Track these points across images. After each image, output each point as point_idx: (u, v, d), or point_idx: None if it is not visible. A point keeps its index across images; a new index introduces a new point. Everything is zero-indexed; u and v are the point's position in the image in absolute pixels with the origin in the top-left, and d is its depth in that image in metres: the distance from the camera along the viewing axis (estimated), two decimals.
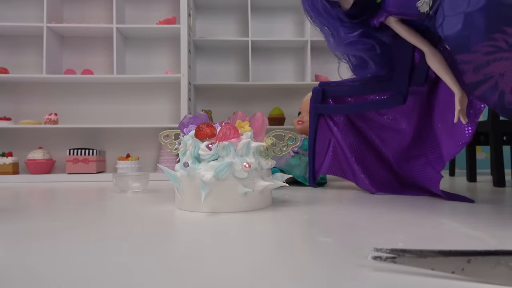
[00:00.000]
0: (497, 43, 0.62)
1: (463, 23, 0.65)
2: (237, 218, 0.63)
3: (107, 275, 0.35)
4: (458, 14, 0.66)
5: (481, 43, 0.64)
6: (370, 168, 1.03)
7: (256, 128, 0.76)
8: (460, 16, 0.65)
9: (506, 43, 0.60)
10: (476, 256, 0.32)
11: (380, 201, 0.84)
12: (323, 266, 0.38)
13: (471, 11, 0.64)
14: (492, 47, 0.63)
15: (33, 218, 0.67)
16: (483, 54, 0.64)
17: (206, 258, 0.41)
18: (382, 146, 1.03)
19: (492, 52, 0.63)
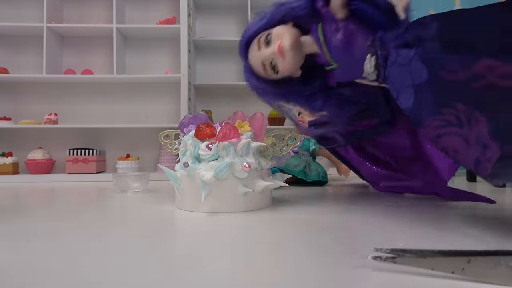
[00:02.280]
0: (447, 117, 0.59)
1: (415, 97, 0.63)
2: (237, 218, 0.63)
3: (107, 275, 0.35)
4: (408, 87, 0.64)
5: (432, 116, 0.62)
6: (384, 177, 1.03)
7: (256, 128, 0.76)
8: (410, 89, 0.63)
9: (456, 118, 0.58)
10: (476, 256, 0.32)
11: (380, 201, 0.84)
12: (323, 266, 0.38)
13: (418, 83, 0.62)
14: (441, 121, 0.61)
15: (33, 218, 0.67)
16: (433, 127, 0.63)
17: (206, 258, 0.41)
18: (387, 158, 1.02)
19: (442, 126, 0.61)
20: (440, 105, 0.60)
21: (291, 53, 0.81)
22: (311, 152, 1.28)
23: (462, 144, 0.59)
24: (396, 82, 0.67)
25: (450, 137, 0.61)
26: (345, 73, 0.81)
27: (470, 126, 0.56)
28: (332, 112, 0.93)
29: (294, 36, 0.82)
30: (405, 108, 0.66)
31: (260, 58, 0.84)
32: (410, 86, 0.64)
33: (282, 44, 0.80)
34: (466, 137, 0.57)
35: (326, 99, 0.90)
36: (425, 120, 0.64)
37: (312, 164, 1.25)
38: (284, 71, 0.84)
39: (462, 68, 0.54)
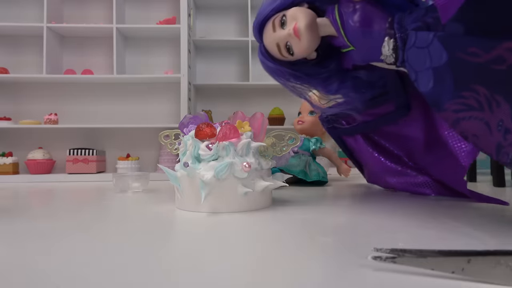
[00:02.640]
0: (467, 101, 0.58)
1: (434, 79, 0.62)
2: (237, 218, 0.63)
3: (107, 275, 0.35)
4: (427, 70, 0.63)
5: (452, 100, 0.60)
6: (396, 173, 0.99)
7: (256, 128, 0.76)
8: (429, 72, 0.62)
9: (477, 101, 0.56)
10: (476, 256, 0.32)
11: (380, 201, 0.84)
12: (323, 266, 0.38)
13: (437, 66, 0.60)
14: (461, 105, 0.59)
15: (33, 218, 0.67)
16: (453, 111, 0.61)
17: (206, 258, 0.41)
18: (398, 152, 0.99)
19: (461, 110, 0.60)
20: (460, 88, 0.58)
21: (306, 35, 0.79)
22: (311, 152, 1.28)
23: (483, 128, 0.58)
24: (415, 65, 0.65)
25: (470, 122, 0.60)
26: (362, 56, 0.80)
27: (492, 110, 0.54)
28: (348, 96, 0.92)
29: (310, 17, 0.80)
30: (424, 91, 0.65)
31: (275, 39, 0.83)
32: (429, 69, 0.62)
33: (298, 25, 0.79)
34: (487, 121, 0.56)
35: (342, 81, 0.88)
36: (444, 103, 0.62)
37: (312, 164, 1.25)
38: (300, 53, 0.83)
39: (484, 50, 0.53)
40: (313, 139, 1.30)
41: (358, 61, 0.83)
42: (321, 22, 0.80)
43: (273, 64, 0.89)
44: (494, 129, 0.55)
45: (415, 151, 0.95)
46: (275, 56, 0.87)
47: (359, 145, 1.07)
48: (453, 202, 0.81)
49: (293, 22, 0.80)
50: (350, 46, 0.79)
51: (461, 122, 0.62)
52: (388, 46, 0.70)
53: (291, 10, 0.82)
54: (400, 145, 0.99)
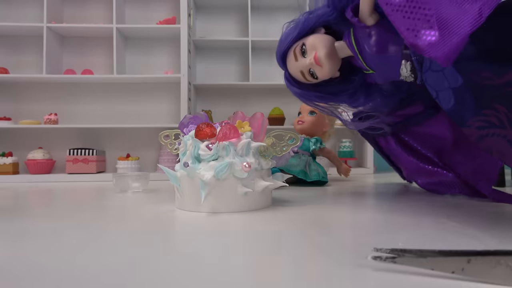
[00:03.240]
0: (489, 119, 0.59)
1: (454, 98, 0.64)
2: (237, 218, 0.64)
3: (107, 275, 0.35)
4: (446, 90, 0.64)
5: (474, 117, 0.62)
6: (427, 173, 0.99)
7: (256, 128, 0.76)
8: (449, 91, 0.64)
9: (498, 119, 0.58)
10: (476, 256, 0.32)
11: (381, 201, 0.84)
12: (323, 266, 0.38)
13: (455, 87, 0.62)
14: (483, 122, 0.61)
15: (33, 218, 0.67)
16: (476, 128, 0.63)
17: (206, 258, 0.41)
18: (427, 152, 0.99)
19: (484, 127, 0.61)
20: (481, 106, 0.60)
21: (327, 62, 0.83)
22: (311, 152, 1.28)
23: (506, 145, 0.59)
24: (434, 85, 0.67)
25: (493, 138, 0.61)
26: (383, 78, 0.82)
27: None
28: (376, 105, 0.94)
29: (328, 44, 0.83)
30: (446, 109, 0.66)
31: (299, 67, 0.86)
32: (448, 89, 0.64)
33: (318, 54, 0.82)
34: (510, 139, 0.58)
35: (368, 94, 0.90)
36: (467, 120, 0.64)
37: (312, 164, 1.25)
38: (323, 77, 0.86)
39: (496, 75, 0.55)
40: (313, 139, 1.30)
41: (379, 81, 0.85)
42: (339, 46, 0.83)
43: (299, 89, 0.92)
44: None
45: (444, 150, 0.95)
46: (301, 81, 0.90)
47: (390, 147, 1.07)
48: (454, 202, 0.81)
49: (313, 51, 0.83)
50: (369, 70, 0.81)
51: (485, 139, 0.63)
52: (406, 68, 0.72)
53: (310, 39, 0.84)
54: (429, 145, 0.99)
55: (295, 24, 0.87)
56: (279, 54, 0.90)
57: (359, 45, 0.78)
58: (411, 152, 1.02)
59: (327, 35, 0.85)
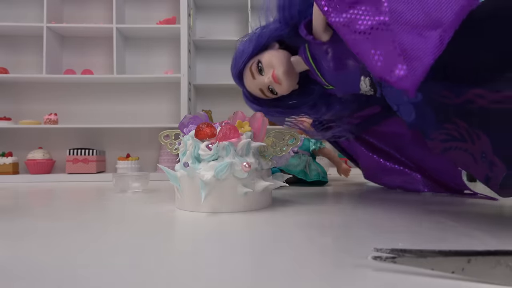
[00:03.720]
0: (450, 132, 0.60)
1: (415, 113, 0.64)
2: (237, 218, 0.63)
3: (107, 275, 0.35)
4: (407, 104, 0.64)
5: (436, 131, 0.62)
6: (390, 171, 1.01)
7: (256, 128, 0.76)
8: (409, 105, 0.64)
9: (459, 133, 0.58)
10: (476, 256, 0.32)
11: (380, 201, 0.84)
12: (323, 266, 0.38)
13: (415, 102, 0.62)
14: (445, 135, 0.61)
15: (33, 218, 0.67)
16: (440, 141, 0.63)
17: (206, 258, 0.41)
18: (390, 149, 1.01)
19: (447, 140, 0.61)
20: (442, 120, 0.60)
21: (286, 79, 0.82)
22: (311, 152, 1.28)
23: (469, 159, 0.59)
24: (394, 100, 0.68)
25: (457, 152, 0.61)
26: (342, 92, 0.82)
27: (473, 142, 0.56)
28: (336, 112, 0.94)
29: (285, 61, 0.82)
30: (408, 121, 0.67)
31: (257, 85, 0.86)
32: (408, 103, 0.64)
33: (276, 73, 0.82)
34: (472, 152, 0.58)
35: (328, 104, 0.91)
36: (430, 133, 0.64)
37: (312, 164, 1.25)
38: (283, 93, 0.86)
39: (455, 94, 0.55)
40: (313, 139, 1.30)
41: (339, 94, 0.84)
42: (296, 61, 0.82)
43: (258, 106, 0.92)
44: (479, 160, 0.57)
45: (405, 146, 0.96)
46: (260, 97, 0.90)
47: (351, 144, 1.09)
48: (453, 202, 0.81)
49: (270, 69, 0.82)
50: (329, 86, 0.80)
51: (449, 152, 0.63)
52: (365, 83, 0.71)
53: (265, 56, 0.83)
54: (389, 142, 1.00)
55: (249, 40, 0.86)
56: (235, 72, 0.90)
57: (316, 61, 0.77)
58: (375, 151, 1.03)
59: (282, 51, 0.84)
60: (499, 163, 0.52)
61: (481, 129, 0.54)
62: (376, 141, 1.02)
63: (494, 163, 0.54)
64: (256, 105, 0.93)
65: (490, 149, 0.53)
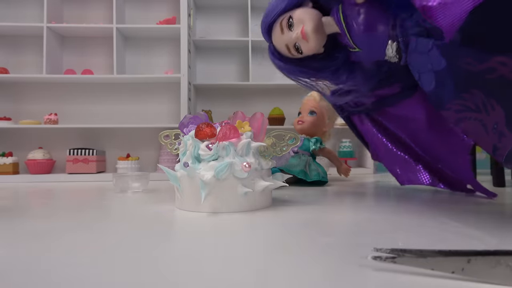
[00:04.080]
0: (466, 103, 0.62)
1: (436, 81, 0.65)
2: (237, 218, 0.64)
3: (107, 275, 0.35)
4: (429, 72, 0.66)
5: (452, 100, 0.64)
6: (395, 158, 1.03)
7: (256, 128, 0.76)
8: (431, 74, 0.65)
9: (474, 104, 0.60)
10: (476, 256, 0.32)
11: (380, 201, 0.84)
12: (323, 266, 0.38)
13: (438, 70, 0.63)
14: (461, 106, 0.63)
15: (33, 218, 0.67)
16: (455, 111, 0.65)
17: (206, 258, 0.41)
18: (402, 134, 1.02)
19: (461, 111, 0.63)
20: (460, 90, 0.62)
21: (314, 37, 0.82)
22: (311, 152, 1.28)
23: (481, 129, 0.61)
24: (417, 67, 0.68)
25: (470, 122, 0.63)
26: (368, 56, 0.83)
27: (488, 112, 0.58)
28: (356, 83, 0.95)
29: (316, 19, 0.83)
30: (427, 90, 0.68)
31: (284, 41, 0.86)
32: (430, 71, 0.65)
33: (305, 29, 0.82)
34: (485, 123, 0.60)
35: (350, 72, 0.91)
36: (446, 103, 0.65)
37: (312, 164, 1.25)
38: (308, 52, 0.86)
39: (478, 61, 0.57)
40: (313, 139, 1.30)
41: (364, 59, 0.85)
42: (327, 21, 0.82)
43: (283, 63, 0.92)
44: (490, 131, 0.59)
45: (417, 131, 0.97)
46: (285, 55, 0.90)
47: (363, 124, 1.09)
48: (453, 202, 0.81)
49: (300, 25, 0.83)
50: (356, 48, 0.81)
51: (462, 122, 0.65)
52: (392, 48, 0.72)
53: (297, 12, 0.84)
54: (401, 125, 1.00)
55: None
56: (264, 26, 0.89)
57: (347, 22, 0.77)
58: (385, 133, 1.04)
59: (314, 10, 0.85)
60: (509, 135, 0.54)
61: (497, 99, 0.56)
62: (389, 124, 1.03)
63: (504, 134, 0.56)
64: (281, 62, 0.93)
65: (504, 120, 0.55)
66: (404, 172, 1.03)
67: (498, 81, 0.55)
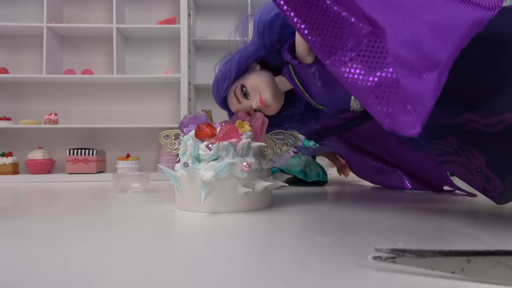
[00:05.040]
0: (443, 147, 0.61)
1: None
2: (237, 218, 0.63)
3: (107, 275, 0.35)
4: None
5: (429, 146, 0.63)
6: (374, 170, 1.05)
7: (256, 128, 0.76)
8: None
9: (452, 148, 0.59)
10: (476, 256, 0.32)
11: (380, 201, 0.84)
12: (322, 266, 0.38)
13: None
14: (439, 150, 0.62)
15: (33, 218, 0.67)
16: (435, 155, 0.65)
17: (206, 258, 0.41)
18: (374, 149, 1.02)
19: (441, 154, 0.63)
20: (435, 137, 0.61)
21: (274, 102, 0.80)
22: None
23: (465, 172, 0.60)
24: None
25: (452, 165, 0.62)
26: (332, 109, 0.82)
27: (468, 157, 0.57)
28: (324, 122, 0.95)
29: (270, 84, 0.80)
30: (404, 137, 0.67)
31: (244, 109, 0.84)
32: None
33: (264, 98, 0.79)
34: (467, 166, 0.58)
35: (317, 117, 0.90)
36: (424, 147, 0.65)
37: (312, 164, 1.25)
38: (271, 113, 0.84)
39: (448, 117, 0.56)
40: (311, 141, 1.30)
41: (328, 111, 0.84)
42: (280, 81, 0.81)
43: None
44: (475, 174, 0.58)
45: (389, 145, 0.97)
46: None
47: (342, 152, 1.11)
48: (453, 202, 0.81)
49: (257, 94, 0.80)
50: (318, 105, 0.79)
51: (445, 164, 0.64)
52: (356, 102, 0.70)
53: (250, 80, 0.81)
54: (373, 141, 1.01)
55: (228, 63, 0.83)
56: (219, 98, 0.87)
57: (303, 84, 0.75)
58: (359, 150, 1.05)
59: (264, 72, 0.82)
60: (495, 178, 0.53)
61: (475, 147, 0.55)
62: (359, 141, 1.03)
63: (489, 177, 0.55)
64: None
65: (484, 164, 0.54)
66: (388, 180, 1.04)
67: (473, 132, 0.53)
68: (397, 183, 1.02)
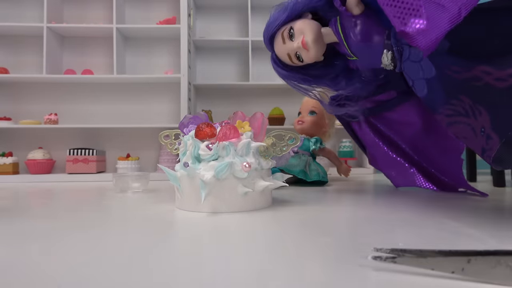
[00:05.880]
0: (455, 108, 0.66)
1: (427, 88, 0.70)
2: (237, 218, 0.64)
3: (107, 275, 0.35)
4: (421, 80, 0.71)
5: (443, 106, 0.68)
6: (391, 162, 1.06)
7: (256, 128, 0.76)
8: (423, 81, 0.70)
9: (463, 109, 0.64)
10: (476, 256, 0.32)
11: (380, 201, 0.84)
12: (323, 266, 0.38)
13: (428, 78, 0.69)
14: (451, 111, 0.67)
15: (33, 218, 0.67)
16: (445, 116, 0.69)
17: (206, 258, 0.41)
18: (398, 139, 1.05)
19: (452, 115, 0.68)
20: (449, 96, 0.66)
21: (314, 47, 0.87)
22: (311, 152, 1.28)
23: (470, 132, 0.65)
24: (411, 74, 0.73)
25: (460, 126, 0.67)
26: (365, 64, 0.87)
27: (475, 117, 0.62)
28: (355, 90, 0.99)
29: (315, 30, 0.88)
30: (420, 96, 0.73)
31: (286, 50, 0.91)
32: (422, 79, 0.70)
33: (305, 39, 0.87)
34: (473, 127, 0.63)
35: (349, 79, 0.96)
36: (438, 108, 0.70)
37: (312, 164, 1.25)
38: (309, 60, 0.91)
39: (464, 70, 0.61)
40: (313, 139, 1.30)
41: (361, 67, 0.89)
42: (326, 32, 0.87)
43: (284, 71, 0.97)
44: (478, 134, 0.63)
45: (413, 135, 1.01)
46: (286, 63, 0.95)
47: (363, 130, 1.12)
48: (453, 202, 0.81)
49: (301, 36, 0.88)
50: (353, 56, 0.85)
51: (453, 125, 0.70)
52: (387, 57, 0.76)
53: (298, 23, 0.89)
54: (397, 130, 1.04)
55: (284, 8, 0.91)
56: (267, 36, 0.94)
57: (345, 33, 0.82)
58: (381, 137, 1.07)
59: (314, 21, 0.89)
60: (495, 137, 0.57)
61: (483, 105, 0.59)
62: (385, 128, 1.06)
63: (490, 136, 0.59)
64: (283, 70, 0.97)
65: (489, 124, 0.59)
66: (399, 175, 1.06)
67: (484, 88, 0.59)
68: (408, 179, 1.04)
